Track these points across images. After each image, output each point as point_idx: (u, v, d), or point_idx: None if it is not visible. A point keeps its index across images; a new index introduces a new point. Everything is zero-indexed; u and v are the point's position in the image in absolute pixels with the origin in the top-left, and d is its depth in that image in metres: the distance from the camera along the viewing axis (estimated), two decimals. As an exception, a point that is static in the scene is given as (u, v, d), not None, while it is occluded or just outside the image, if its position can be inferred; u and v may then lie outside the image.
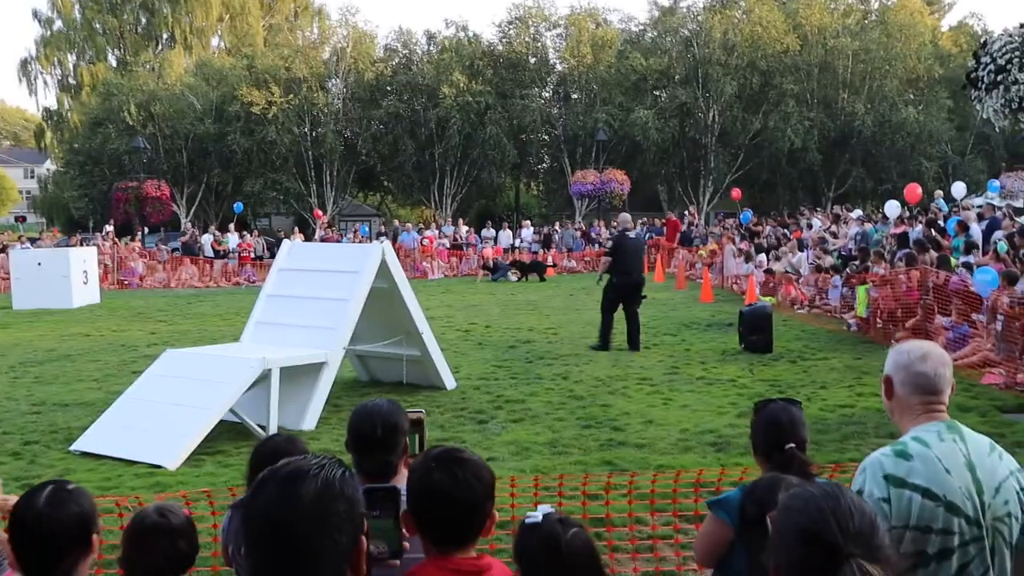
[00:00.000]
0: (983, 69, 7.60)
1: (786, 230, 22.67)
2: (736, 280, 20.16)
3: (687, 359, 11.59)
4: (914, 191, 17.76)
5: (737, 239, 22.89)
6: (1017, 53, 7.32)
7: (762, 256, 19.86)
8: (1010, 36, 7.50)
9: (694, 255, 24.42)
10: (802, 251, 19.48)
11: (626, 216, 13.57)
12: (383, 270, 9.31)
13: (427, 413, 9.07)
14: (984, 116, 8.06)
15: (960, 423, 2.55)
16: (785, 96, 36.59)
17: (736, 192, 30.76)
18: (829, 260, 17.47)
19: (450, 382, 9.98)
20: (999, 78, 7.46)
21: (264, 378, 8.13)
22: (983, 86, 7.68)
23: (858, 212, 21.06)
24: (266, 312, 9.51)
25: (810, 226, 21.78)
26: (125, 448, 7.44)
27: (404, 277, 9.75)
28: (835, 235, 20.42)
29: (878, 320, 12.85)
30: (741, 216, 26.44)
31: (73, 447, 7.67)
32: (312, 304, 9.16)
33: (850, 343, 12.71)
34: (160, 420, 7.66)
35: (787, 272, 18.08)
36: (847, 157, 37.40)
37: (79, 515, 2.23)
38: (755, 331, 11.84)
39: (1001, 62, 7.42)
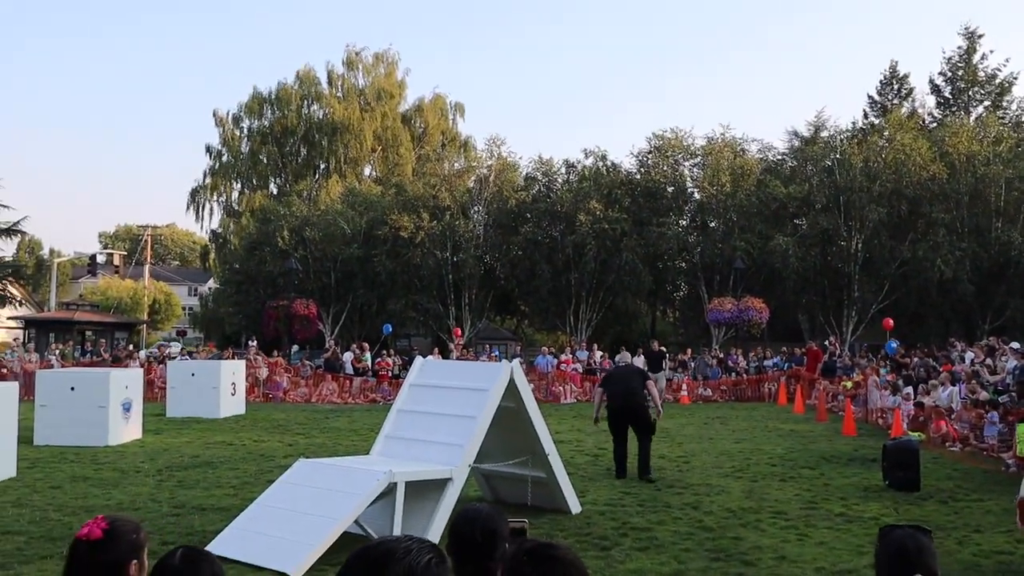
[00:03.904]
0: None
1: (935, 362, 21.57)
2: (882, 413, 19.20)
3: (826, 494, 11.02)
4: None
5: (883, 370, 21.92)
6: None
7: (910, 389, 18.91)
8: None
9: (837, 386, 23.47)
10: (954, 385, 18.45)
11: (625, 355, 15.06)
12: (511, 389, 9.38)
13: (550, 537, 8.91)
14: None
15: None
16: (934, 225, 35.41)
17: (888, 321, 29.59)
18: (984, 395, 16.48)
19: (575, 506, 9.81)
20: None
21: (390, 491, 8.22)
22: None
23: (1016, 344, 19.82)
24: (396, 426, 9.68)
25: (962, 359, 20.67)
26: (254, 553, 7.61)
27: (532, 397, 9.78)
28: (992, 369, 19.31)
29: (1039, 461, 11.93)
30: (886, 346, 25.36)
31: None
32: (441, 420, 9.28)
33: (1008, 484, 11.79)
34: (288, 527, 7.82)
35: (937, 406, 17.12)
36: (1004, 288, 35.56)
37: (212, 573, 2.32)
38: (901, 467, 11.18)
39: None
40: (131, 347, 36.82)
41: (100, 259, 55.30)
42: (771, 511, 9.93)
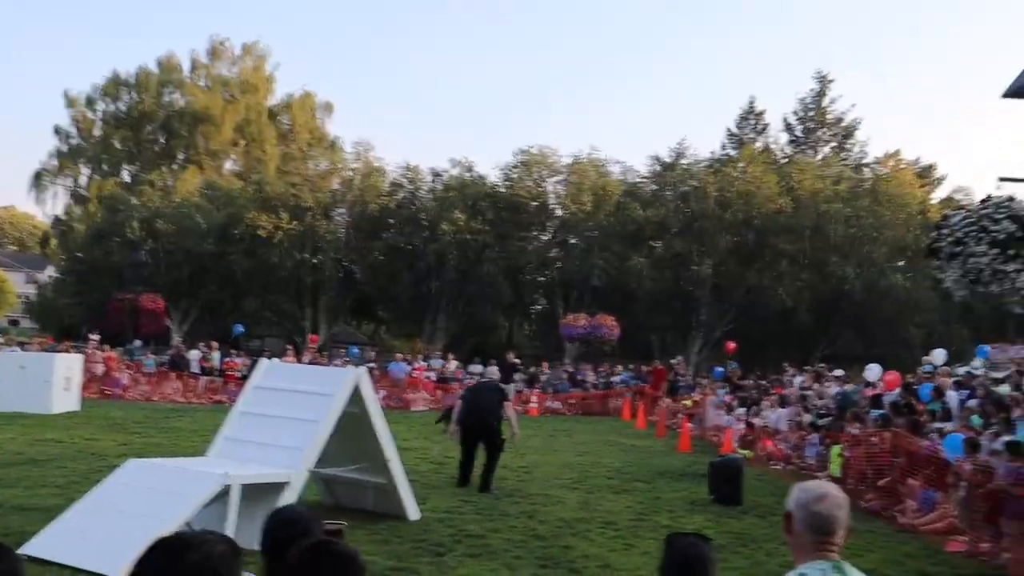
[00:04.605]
0: (944, 241, 7.94)
1: (769, 385, 22.78)
2: (716, 432, 20.14)
3: (656, 507, 11.52)
4: (892, 382, 17.65)
5: (721, 391, 22.99)
6: (974, 228, 7.67)
7: (743, 409, 19.91)
8: (968, 212, 7.88)
9: (678, 404, 24.45)
10: (783, 407, 19.53)
11: (492, 369, 14.48)
12: (356, 395, 9.41)
13: (384, 542, 8.95)
14: (945, 286, 8.33)
15: (849, 564, 2.64)
16: (779, 255, 37.40)
17: (730, 344, 31.01)
18: (809, 417, 17.52)
19: (414, 513, 9.91)
20: (958, 250, 7.77)
21: (225, 494, 8.11)
22: (943, 257, 7.98)
23: (839, 372, 21.21)
24: (236, 429, 9.54)
25: (792, 383, 21.91)
26: (74, 555, 7.36)
27: (377, 404, 9.84)
28: (819, 394, 20.54)
29: (849, 480, 12.82)
30: (713, 371, 26.65)
31: (21, 550, 7.57)
32: (282, 424, 9.21)
33: (822, 502, 12.63)
34: (113, 529, 7.60)
35: (766, 427, 18.10)
36: (837, 319, 37.87)
37: (10, 571, 2.22)
38: (725, 483, 11.82)
39: (960, 235, 7.75)
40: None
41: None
42: (602, 521, 10.31)
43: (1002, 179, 8.56)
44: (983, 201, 8.02)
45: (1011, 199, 7.89)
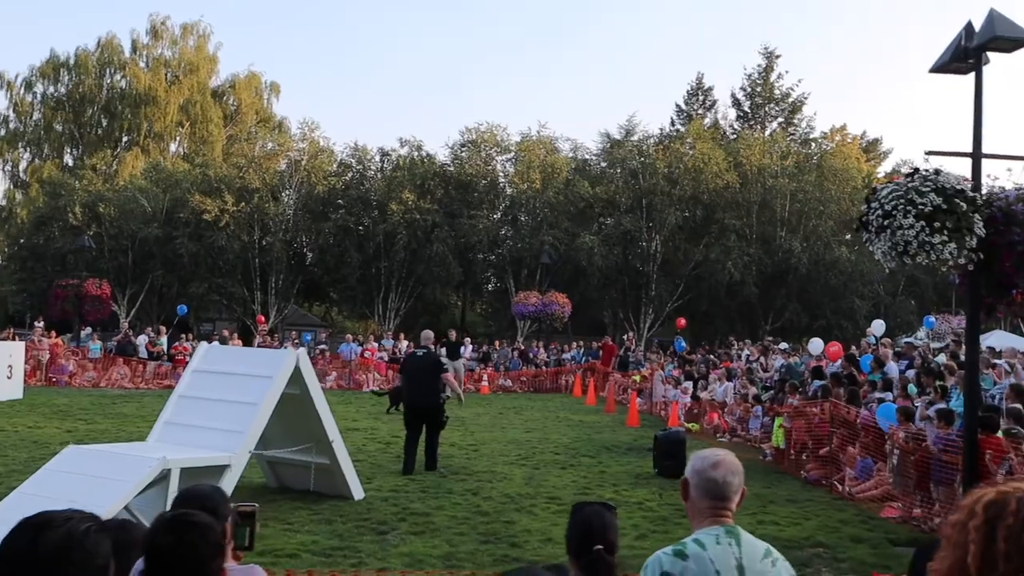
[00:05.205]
0: (872, 214, 8.11)
1: (716, 359, 23.12)
2: (664, 406, 20.42)
3: (600, 481, 11.68)
4: (834, 353, 18.03)
5: (669, 366, 23.28)
6: (902, 201, 7.84)
7: (689, 383, 20.19)
8: (896, 185, 8.04)
9: (627, 380, 24.72)
10: (730, 380, 19.86)
11: (427, 334, 13.36)
12: (296, 377, 9.40)
13: (327, 522, 8.97)
14: (876, 257, 8.52)
15: (741, 528, 2.73)
16: (726, 230, 37.81)
17: (681, 321, 31.36)
18: (754, 390, 17.84)
19: (358, 492, 9.94)
20: (886, 223, 7.94)
21: (164, 478, 8.07)
22: (873, 230, 8.15)
23: (784, 345, 21.60)
24: (176, 413, 9.49)
25: (740, 356, 22.26)
26: (8, 544, 7.27)
27: (318, 385, 9.84)
28: (764, 367, 20.90)
29: (791, 451, 13.10)
30: (675, 344, 26.94)
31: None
32: (222, 407, 9.18)
33: (763, 472, 12.91)
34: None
35: (713, 400, 18.40)
36: (784, 292, 38.44)
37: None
38: (668, 456, 12.01)
39: (888, 208, 7.92)
40: None
41: None
42: (546, 496, 10.44)
43: (928, 152, 8.75)
44: (910, 174, 8.18)
45: (937, 172, 8.06)
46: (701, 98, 49.78)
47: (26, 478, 9.90)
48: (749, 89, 47.64)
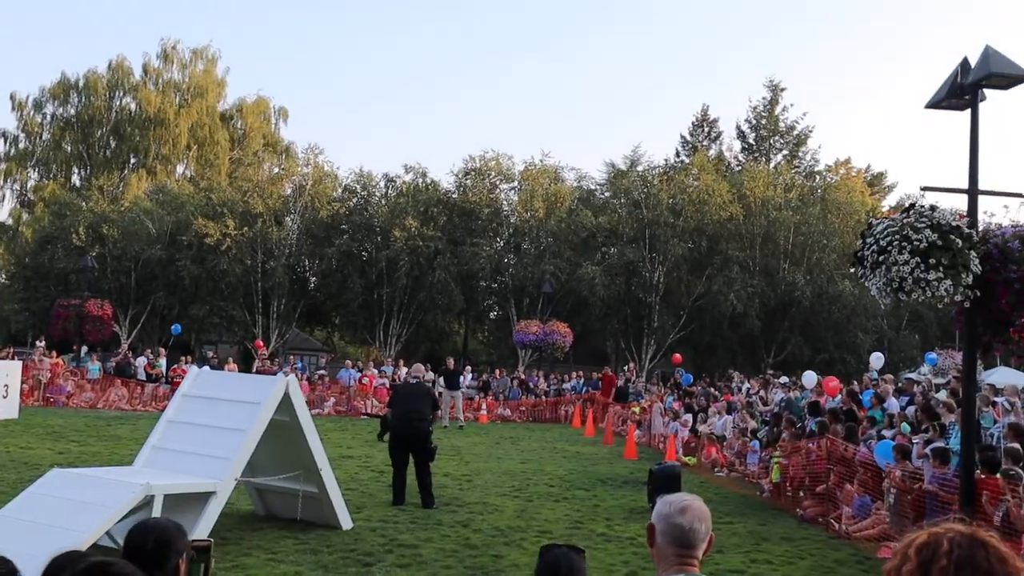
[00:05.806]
0: (867, 249, 8.04)
1: (717, 391, 22.95)
2: (662, 438, 20.24)
3: (594, 515, 11.53)
4: (833, 388, 17.78)
5: (669, 398, 23.11)
6: (897, 237, 7.78)
7: (689, 416, 20.03)
8: (891, 221, 7.98)
9: (627, 411, 24.54)
10: (730, 414, 19.68)
11: (417, 367, 13.84)
12: (286, 403, 9.31)
13: (313, 552, 8.84)
14: (872, 293, 8.45)
15: (708, 578, 2.64)
16: (730, 262, 37.77)
17: (676, 357, 31.22)
18: (753, 424, 17.67)
19: (346, 522, 9.82)
20: (881, 259, 7.88)
21: (147, 504, 7.97)
22: (868, 265, 8.09)
23: (784, 378, 21.44)
24: (164, 438, 9.41)
25: (740, 389, 22.09)
26: (-15, 569, 7.17)
27: (307, 412, 9.74)
28: (764, 400, 20.72)
29: (787, 487, 12.94)
30: (683, 377, 26.74)
31: (-68, 565, 7.36)
32: (210, 432, 9.09)
33: (759, 509, 12.74)
34: (30, 541, 7.40)
35: (712, 433, 18.22)
36: (786, 325, 38.31)
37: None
38: (663, 490, 11.80)
39: (883, 243, 7.86)
40: None
41: None
42: (538, 530, 10.29)
43: (924, 188, 8.69)
44: (906, 210, 8.13)
45: (933, 208, 8.00)
46: (706, 130, 49.97)
47: (10, 500, 9.83)
48: (754, 121, 47.84)
